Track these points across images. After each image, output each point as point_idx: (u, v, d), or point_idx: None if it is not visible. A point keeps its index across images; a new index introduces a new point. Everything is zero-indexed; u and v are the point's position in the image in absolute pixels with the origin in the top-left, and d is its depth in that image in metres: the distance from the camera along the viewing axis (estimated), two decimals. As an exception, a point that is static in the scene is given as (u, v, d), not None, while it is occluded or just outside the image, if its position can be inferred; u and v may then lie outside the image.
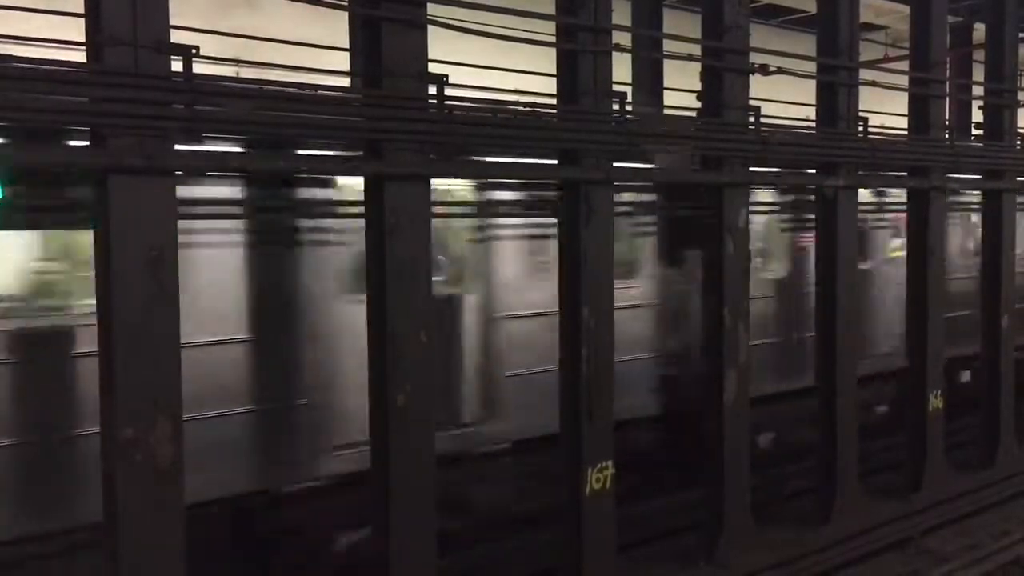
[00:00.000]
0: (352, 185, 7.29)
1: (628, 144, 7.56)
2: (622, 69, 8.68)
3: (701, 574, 8.38)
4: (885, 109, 11.30)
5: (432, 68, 6.46)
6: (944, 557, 9.37)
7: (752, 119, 8.52)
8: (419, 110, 6.42)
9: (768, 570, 8.58)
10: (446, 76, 6.46)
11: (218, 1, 11.60)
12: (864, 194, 10.56)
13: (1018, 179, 11.75)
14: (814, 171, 9.61)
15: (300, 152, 7.03)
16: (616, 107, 7.49)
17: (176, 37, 5.44)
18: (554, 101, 7.42)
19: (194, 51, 5.41)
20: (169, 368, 5.46)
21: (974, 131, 12.20)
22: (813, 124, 9.62)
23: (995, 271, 11.58)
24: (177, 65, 5.41)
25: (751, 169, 8.73)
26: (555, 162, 7.57)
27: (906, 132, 10.58)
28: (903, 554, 9.52)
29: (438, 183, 7.06)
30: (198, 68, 5.48)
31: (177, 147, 5.49)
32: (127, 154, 5.22)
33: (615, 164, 7.58)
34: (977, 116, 11.96)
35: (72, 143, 5.79)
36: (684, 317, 10.03)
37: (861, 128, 9.56)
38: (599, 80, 7.33)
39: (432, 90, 6.42)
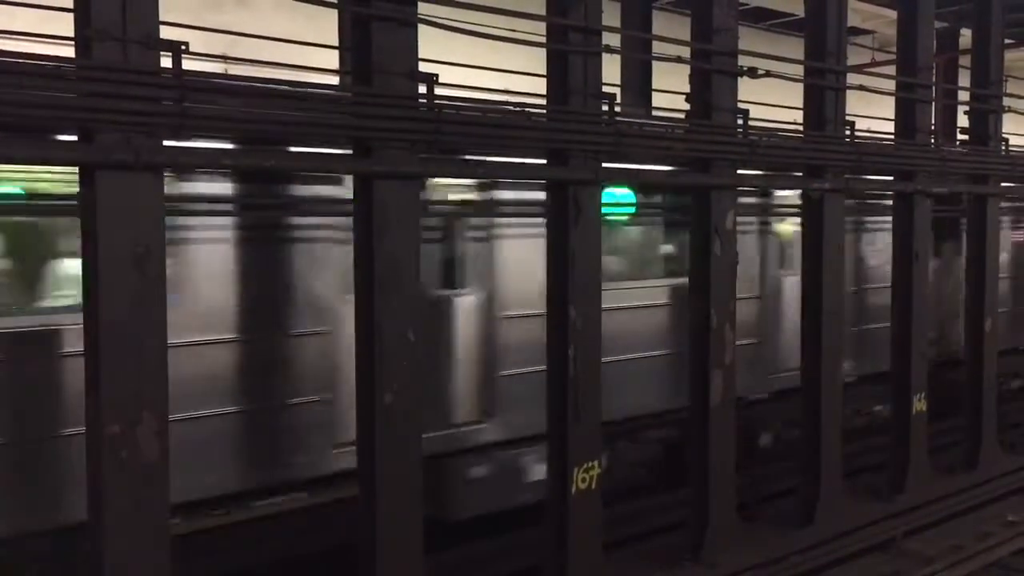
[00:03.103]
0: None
1: (617, 145, 7.59)
2: (611, 70, 8.71)
3: (686, 573, 8.41)
4: (872, 113, 11.36)
5: (422, 67, 6.47)
6: (926, 559, 9.41)
7: (740, 122, 8.57)
8: (409, 109, 6.42)
9: (752, 569, 8.62)
10: (436, 75, 6.47)
11: (208, -3, 11.58)
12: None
13: (1003, 184, 11.86)
14: (800, 174, 9.68)
15: (290, 150, 7.03)
16: (605, 108, 7.52)
17: (165, 33, 5.43)
18: (544, 101, 7.45)
19: (183, 47, 5.41)
20: (155, 364, 5.45)
21: (960, 136, 12.27)
22: (800, 127, 9.67)
23: (979, 275, 11.67)
24: (166, 61, 5.40)
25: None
26: (543, 162, 7.59)
27: (892, 136, 10.65)
28: (886, 555, 9.56)
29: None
30: (187, 64, 5.48)
31: (165, 143, 5.48)
32: (115, 150, 5.21)
33: (604, 165, 7.61)
34: (963, 121, 12.05)
35: (60, 138, 5.78)
36: None
37: (848, 132, 9.62)
38: (589, 81, 7.36)
39: (422, 89, 6.43)
